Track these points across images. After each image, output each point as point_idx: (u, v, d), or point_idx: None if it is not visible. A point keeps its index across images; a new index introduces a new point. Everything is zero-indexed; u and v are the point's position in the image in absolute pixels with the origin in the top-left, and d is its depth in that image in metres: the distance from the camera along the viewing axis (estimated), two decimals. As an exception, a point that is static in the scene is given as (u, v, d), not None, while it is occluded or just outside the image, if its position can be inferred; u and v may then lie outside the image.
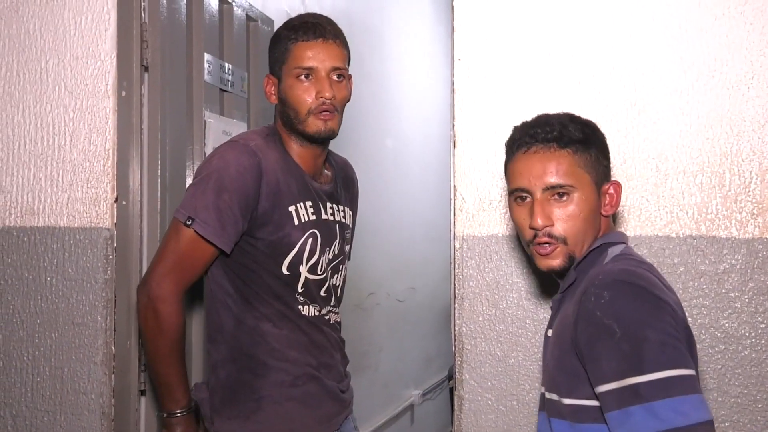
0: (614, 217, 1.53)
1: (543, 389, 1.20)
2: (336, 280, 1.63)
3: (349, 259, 1.73)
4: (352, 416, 1.68)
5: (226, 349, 1.52)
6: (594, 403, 1.06)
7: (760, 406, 1.47)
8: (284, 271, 1.51)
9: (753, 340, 1.48)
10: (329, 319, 1.61)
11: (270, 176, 1.47)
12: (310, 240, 1.53)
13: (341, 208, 1.65)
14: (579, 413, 1.08)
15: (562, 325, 1.15)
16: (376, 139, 3.32)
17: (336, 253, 1.61)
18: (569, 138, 1.17)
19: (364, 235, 3.35)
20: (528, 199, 1.18)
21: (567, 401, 1.09)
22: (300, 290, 1.53)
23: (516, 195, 1.20)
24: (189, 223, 1.43)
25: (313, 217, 1.55)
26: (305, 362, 1.52)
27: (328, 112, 1.48)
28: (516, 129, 1.23)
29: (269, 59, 1.55)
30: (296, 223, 1.51)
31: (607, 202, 1.21)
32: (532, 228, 1.17)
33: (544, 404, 1.18)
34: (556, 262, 1.17)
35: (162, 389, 1.51)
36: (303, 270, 1.53)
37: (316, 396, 1.53)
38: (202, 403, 1.55)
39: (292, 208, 1.51)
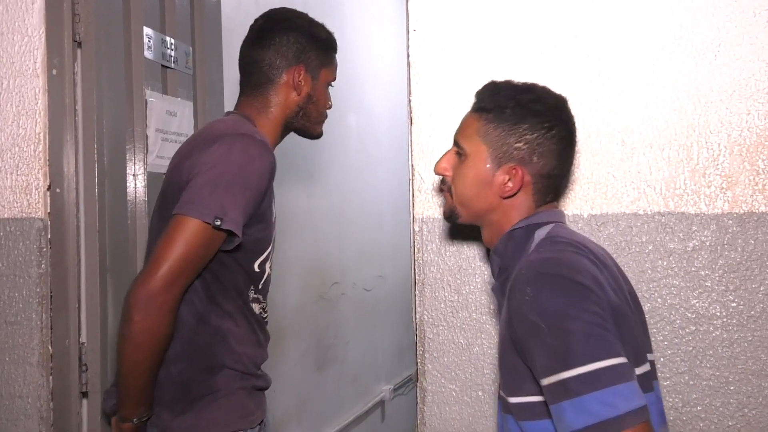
0: (572, 195, 1.46)
1: None
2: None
3: None
4: None
5: (180, 346, 1.45)
6: (538, 398, 1.06)
7: (732, 388, 1.41)
8: (255, 268, 1.49)
9: (724, 319, 1.42)
10: (266, 318, 1.60)
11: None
12: (275, 236, 1.53)
13: None
14: (523, 411, 1.08)
15: (501, 321, 1.14)
16: (336, 115, 3.19)
17: (274, 247, 1.59)
18: (479, 105, 1.22)
19: (327, 221, 3.24)
20: None
21: (512, 400, 1.09)
22: (259, 287, 1.52)
23: None
24: (218, 223, 1.32)
25: (275, 214, 1.55)
26: (253, 357, 1.54)
27: None
28: None
29: (305, 50, 1.53)
30: (272, 220, 1.51)
31: (503, 182, 1.17)
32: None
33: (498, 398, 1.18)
34: (444, 208, 1.28)
35: (139, 396, 1.40)
36: (268, 267, 1.52)
37: (257, 387, 1.55)
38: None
39: (273, 206, 1.52)
